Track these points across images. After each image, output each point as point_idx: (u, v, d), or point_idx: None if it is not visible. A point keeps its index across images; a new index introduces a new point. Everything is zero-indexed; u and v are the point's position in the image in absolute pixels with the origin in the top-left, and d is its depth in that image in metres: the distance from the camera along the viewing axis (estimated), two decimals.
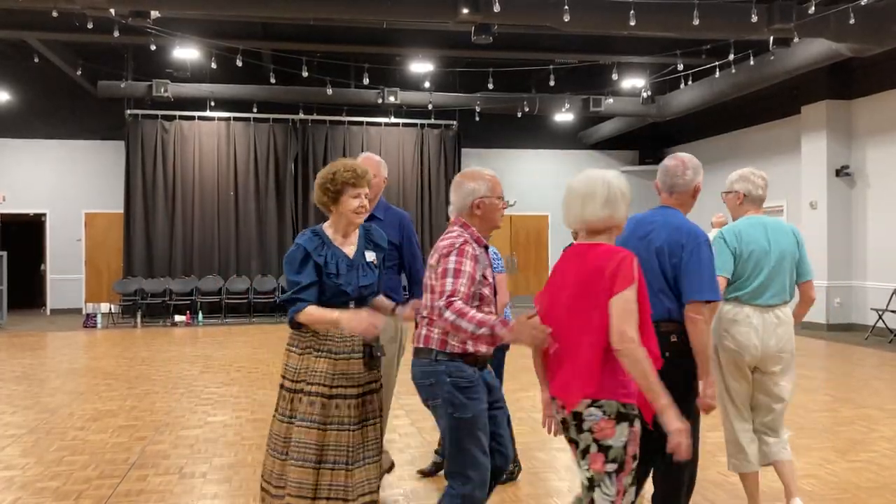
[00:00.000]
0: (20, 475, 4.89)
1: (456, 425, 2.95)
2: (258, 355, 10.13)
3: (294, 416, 3.28)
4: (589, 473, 2.64)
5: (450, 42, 12.34)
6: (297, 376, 3.32)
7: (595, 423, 2.61)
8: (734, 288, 3.80)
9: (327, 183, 3.35)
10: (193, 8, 9.34)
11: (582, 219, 2.74)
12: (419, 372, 3.05)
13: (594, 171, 2.81)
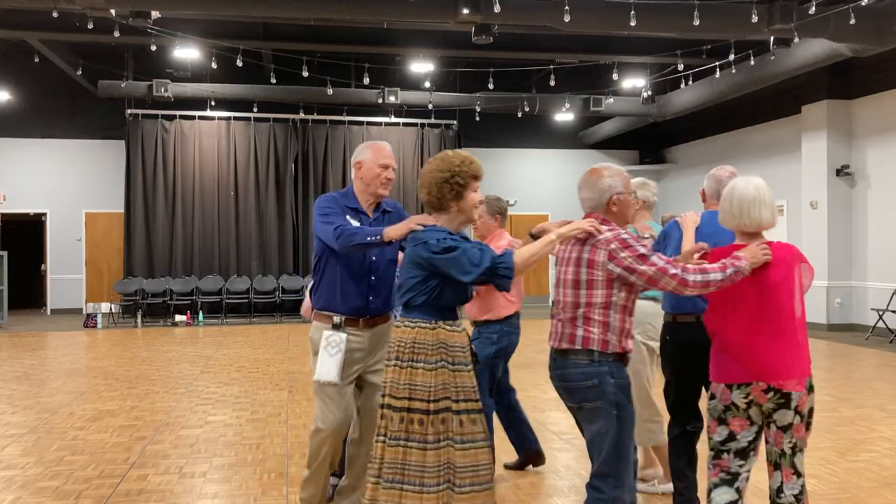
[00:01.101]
0: (20, 475, 4.89)
1: (619, 427, 2.92)
2: (258, 355, 10.14)
3: (443, 439, 2.97)
4: (792, 442, 2.98)
5: (450, 42, 12.34)
6: (436, 395, 2.98)
7: (800, 398, 2.96)
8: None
9: (455, 177, 3.10)
10: (193, 8, 9.34)
11: (759, 223, 3.05)
12: (578, 374, 2.96)
13: (753, 178, 3.09)
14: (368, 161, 3.65)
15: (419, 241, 3.09)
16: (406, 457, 2.98)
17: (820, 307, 12.43)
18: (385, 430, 3.05)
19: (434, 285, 3.07)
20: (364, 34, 11.98)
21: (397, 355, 3.08)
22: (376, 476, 3.03)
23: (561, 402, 3.23)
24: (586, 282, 2.95)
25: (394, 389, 3.05)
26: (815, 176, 12.71)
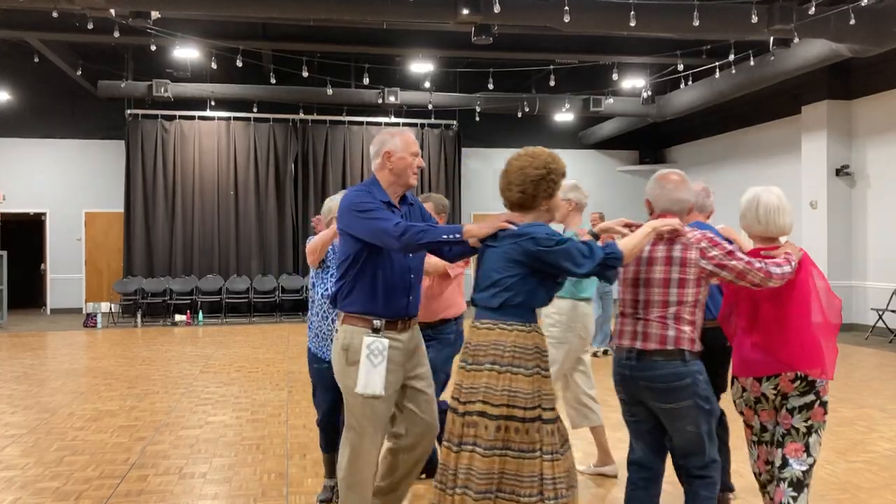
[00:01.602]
0: (20, 475, 4.89)
1: (708, 420, 3.11)
2: (258, 355, 10.13)
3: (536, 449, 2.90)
4: (808, 423, 3.21)
5: (450, 42, 12.34)
6: (532, 402, 2.91)
7: (822, 386, 3.21)
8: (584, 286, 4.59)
9: (551, 174, 3.04)
10: (193, 8, 9.33)
11: (783, 229, 3.26)
12: (670, 374, 3.02)
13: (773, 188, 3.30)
14: (399, 150, 3.38)
15: (523, 236, 2.96)
16: (504, 466, 2.87)
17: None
18: (475, 439, 2.89)
19: (533, 284, 2.98)
20: (364, 34, 11.98)
21: (494, 359, 2.92)
22: (461, 487, 2.87)
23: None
24: (678, 280, 3.04)
25: (489, 396, 2.90)
26: (815, 176, 12.71)
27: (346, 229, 3.34)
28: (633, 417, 3.25)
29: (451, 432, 2.99)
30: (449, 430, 3.01)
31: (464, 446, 2.91)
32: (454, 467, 2.92)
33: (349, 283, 3.35)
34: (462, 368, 3.03)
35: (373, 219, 3.22)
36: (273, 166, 15.56)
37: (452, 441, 2.97)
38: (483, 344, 2.97)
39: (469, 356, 3.01)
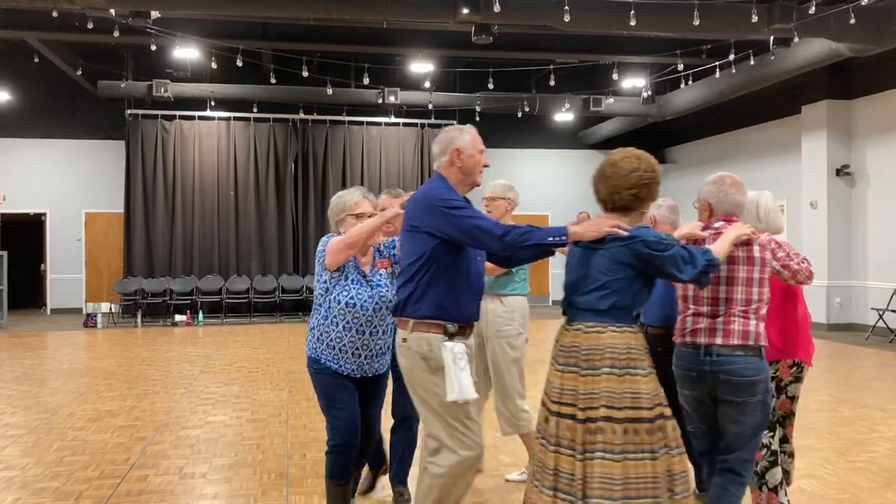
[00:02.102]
0: (20, 475, 4.89)
1: (768, 414, 3.26)
2: (258, 355, 10.13)
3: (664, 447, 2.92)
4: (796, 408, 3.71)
5: (450, 42, 12.34)
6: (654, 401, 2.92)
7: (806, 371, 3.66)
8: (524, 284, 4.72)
9: (657, 178, 3.17)
10: (193, 8, 9.33)
11: (778, 228, 3.65)
12: (751, 368, 3.15)
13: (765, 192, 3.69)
14: (469, 147, 3.24)
15: (633, 239, 2.97)
16: (637, 469, 2.85)
17: (820, 307, 12.43)
18: (603, 445, 2.85)
19: (638, 286, 2.99)
20: (364, 34, 11.98)
21: (612, 363, 2.90)
22: (598, 497, 2.82)
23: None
24: (758, 280, 3.24)
25: (612, 400, 2.87)
26: (815, 176, 12.71)
27: (425, 227, 3.11)
28: (699, 412, 3.33)
29: (572, 440, 2.91)
30: (568, 437, 2.93)
31: (593, 454, 2.88)
32: (581, 476, 2.87)
33: (422, 286, 3.12)
34: (573, 373, 2.97)
35: (467, 216, 3.05)
36: (273, 166, 15.56)
37: (576, 449, 2.90)
38: (596, 347, 2.94)
39: (580, 360, 2.95)
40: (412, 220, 3.17)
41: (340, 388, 3.64)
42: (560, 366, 3.02)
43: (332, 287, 3.64)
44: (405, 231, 3.21)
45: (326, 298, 3.65)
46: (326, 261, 3.59)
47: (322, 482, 4.68)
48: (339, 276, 3.65)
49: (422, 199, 3.17)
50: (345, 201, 3.80)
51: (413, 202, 3.22)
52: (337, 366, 3.64)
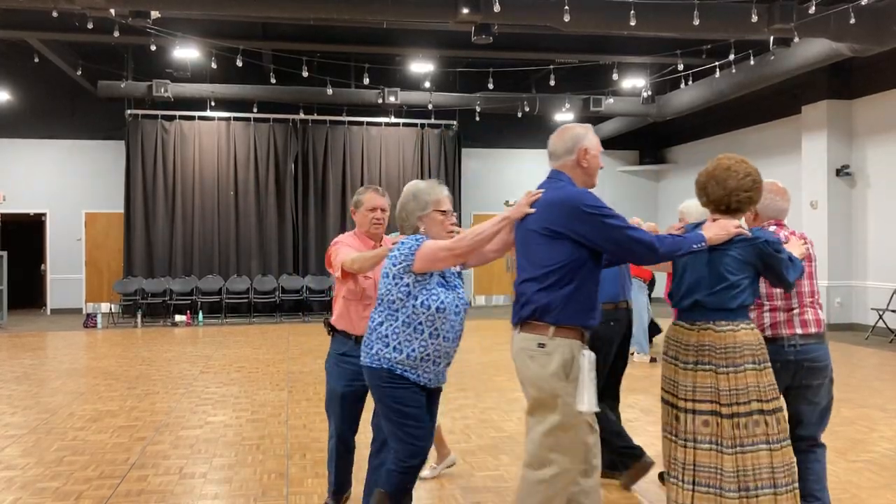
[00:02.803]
0: (20, 475, 4.89)
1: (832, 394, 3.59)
2: (258, 355, 10.13)
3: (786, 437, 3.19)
4: None
5: (450, 42, 12.34)
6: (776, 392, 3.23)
7: None
8: None
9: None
10: (193, 8, 9.33)
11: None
12: (824, 352, 3.58)
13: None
14: (594, 147, 3.18)
15: (757, 240, 3.20)
16: (784, 457, 3.13)
17: None
18: (766, 437, 3.10)
19: (757, 285, 3.29)
20: (364, 34, 11.98)
21: (753, 359, 3.13)
22: (767, 487, 3.06)
23: None
24: (815, 272, 3.57)
25: (760, 393, 3.12)
26: (815, 176, 12.71)
27: (572, 234, 3.02)
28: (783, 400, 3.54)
29: (715, 435, 3.11)
30: (708, 433, 3.12)
31: (754, 446, 3.07)
32: (733, 468, 3.04)
33: (566, 292, 3.04)
34: (709, 371, 3.15)
35: (623, 227, 3.00)
36: (273, 166, 15.56)
37: (721, 444, 3.09)
38: (734, 346, 3.13)
39: (716, 358, 3.13)
40: (553, 224, 3.05)
41: (417, 402, 3.31)
42: (691, 364, 3.20)
43: (417, 292, 3.26)
44: (534, 233, 3.09)
45: (407, 304, 3.25)
46: (417, 266, 3.21)
47: (321, 482, 4.68)
48: (424, 279, 3.28)
49: (567, 204, 3.04)
50: (432, 195, 3.41)
51: (552, 205, 3.07)
52: (415, 377, 3.27)
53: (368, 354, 3.30)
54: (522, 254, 3.17)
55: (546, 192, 3.16)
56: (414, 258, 3.20)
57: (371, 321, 3.35)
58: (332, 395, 3.90)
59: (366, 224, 3.89)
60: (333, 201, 15.73)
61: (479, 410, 6.57)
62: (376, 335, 3.29)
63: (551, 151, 3.24)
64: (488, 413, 6.49)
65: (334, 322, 3.91)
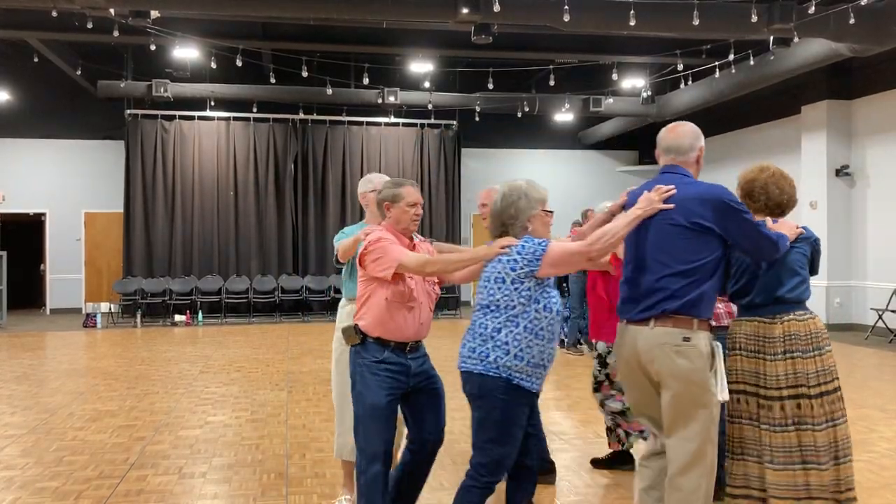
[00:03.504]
0: (20, 475, 4.88)
1: None
2: (258, 355, 10.13)
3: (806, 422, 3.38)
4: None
5: (450, 42, 12.34)
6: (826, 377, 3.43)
7: None
8: None
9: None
10: (193, 8, 9.33)
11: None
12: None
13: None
14: (702, 143, 3.35)
15: (810, 238, 3.54)
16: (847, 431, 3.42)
17: (820, 307, 12.43)
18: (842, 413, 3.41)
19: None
20: (364, 34, 11.97)
21: (828, 342, 3.45)
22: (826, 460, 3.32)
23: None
24: None
25: (822, 377, 3.38)
26: (815, 176, 12.71)
27: (719, 229, 3.10)
28: None
29: (808, 416, 3.33)
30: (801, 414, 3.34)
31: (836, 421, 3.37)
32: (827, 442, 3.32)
33: (708, 287, 3.12)
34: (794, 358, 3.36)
35: (755, 223, 3.17)
36: (273, 166, 15.55)
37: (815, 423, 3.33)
38: (815, 332, 3.41)
39: (801, 345, 3.37)
40: (701, 219, 3.09)
41: (523, 420, 3.22)
42: (780, 355, 3.37)
43: (538, 295, 3.16)
44: (679, 228, 3.10)
45: (528, 309, 3.14)
46: (543, 271, 3.15)
47: (321, 482, 4.68)
48: (543, 282, 3.20)
49: (716, 199, 3.10)
50: (540, 193, 3.33)
51: (698, 200, 3.10)
52: (529, 384, 3.17)
53: (483, 362, 3.13)
54: (658, 248, 3.14)
55: (681, 187, 3.16)
56: (540, 263, 3.12)
57: (482, 328, 3.18)
58: (373, 410, 3.36)
59: (405, 220, 3.49)
60: (333, 201, 15.72)
61: None
62: (493, 343, 3.14)
63: (674, 147, 3.27)
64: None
65: (368, 328, 3.43)
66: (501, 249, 3.17)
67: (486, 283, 3.21)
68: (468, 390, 3.21)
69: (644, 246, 3.19)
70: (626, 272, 3.31)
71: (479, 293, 3.27)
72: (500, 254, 3.18)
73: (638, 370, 3.20)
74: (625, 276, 3.31)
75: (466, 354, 3.21)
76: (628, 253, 3.28)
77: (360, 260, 3.44)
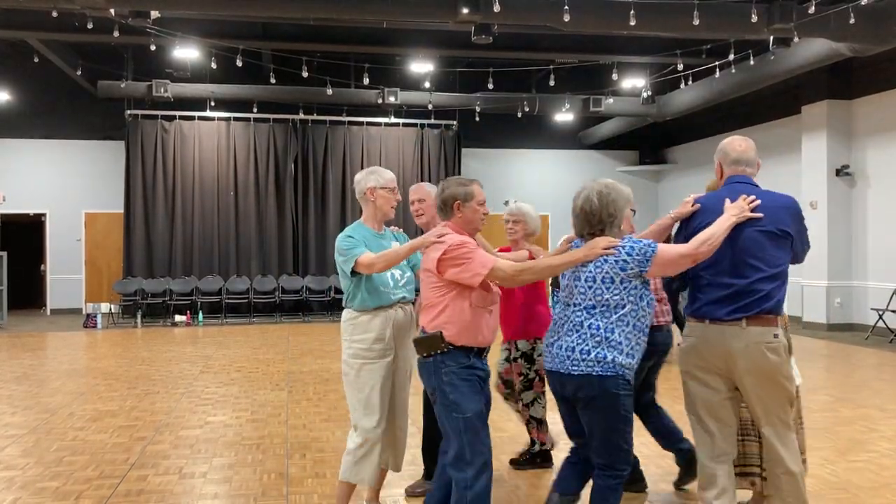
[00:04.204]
0: (20, 475, 4.89)
1: None
2: (258, 355, 10.13)
3: None
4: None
5: (450, 42, 12.34)
6: None
7: None
8: None
9: None
10: (193, 8, 9.33)
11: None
12: None
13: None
14: None
15: None
16: None
17: (820, 307, 12.43)
18: None
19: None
20: (364, 34, 11.97)
21: None
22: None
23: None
24: None
25: None
26: (815, 176, 12.71)
27: (796, 234, 3.40)
28: None
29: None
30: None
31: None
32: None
33: (786, 287, 3.42)
34: None
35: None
36: (273, 166, 15.56)
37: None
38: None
39: None
40: (785, 226, 3.37)
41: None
42: None
43: (643, 293, 3.23)
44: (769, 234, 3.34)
45: (636, 307, 3.21)
46: (652, 271, 3.21)
47: (321, 482, 4.68)
48: (645, 280, 3.28)
49: (794, 208, 3.42)
50: (628, 191, 3.41)
51: (782, 209, 3.39)
52: (633, 377, 3.26)
53: (601, 364, 3.14)
54: (750, 253, 3.33)
55: (763, 196, 3.39)
56: (650, 264, 3.18)
57: (594, 329, 3.18)
58: (476, 418, 3.27)
59: (476, 220, 3.44)
60: (333, 201, 15.72)
61: None
62: (608, 344, 3.15)
63: (744, 159, 3.49)
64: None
65: (454, 337, 3.29)
66: (605, 250, 3.19)
67: (590, 284, 3.20)
68: (585, 393, 3.19)
69: (733, 250, 3.34)
70: (706, 275, 3.39)
71: (579, 293, 3.24)
72: (603, 255, 3.19)
73: (719, 369, 3.36)
74: (706, 279, 3.38)
75: (579, 357, 3.18)
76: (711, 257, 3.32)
77: (437, 265, 3.28)
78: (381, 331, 3.79)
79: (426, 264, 3.38)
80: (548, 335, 3.37)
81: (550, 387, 3.39)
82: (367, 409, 3.77)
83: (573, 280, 3.27)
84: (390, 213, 4.00)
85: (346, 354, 3.85)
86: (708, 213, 3.40)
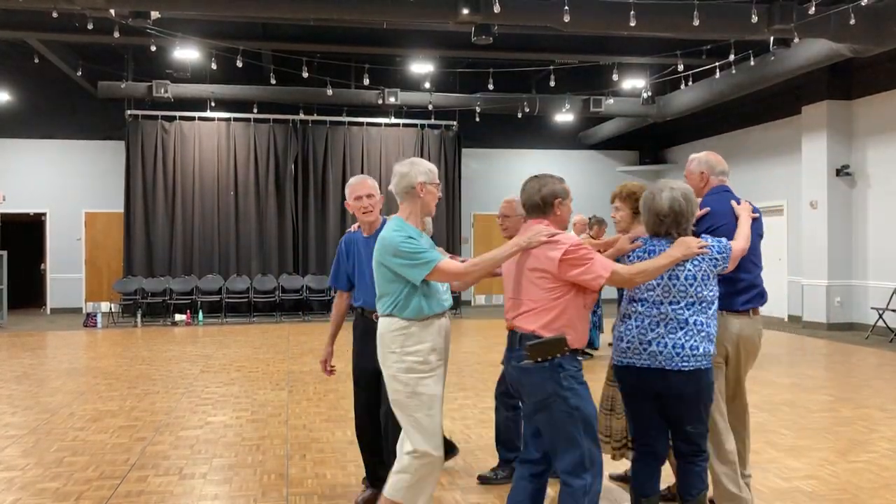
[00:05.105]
0: (20, 476, 4.89)
1: None
2: (258, 355, 10.13)
3: None
4: None
5: (450, 42, 12.34)
6: None
7: None
8: None
9: None
10: (193, 8, 9.34)
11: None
12: None
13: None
14: None
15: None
16: None
17: (820, 306, 12.43)
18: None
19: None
20: (364, 34, 11.98)
21: None
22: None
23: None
24: None
25: None
26: (815, 176, 12.71)
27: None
28: None
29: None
30: None
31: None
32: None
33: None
34: None
35: None
36: (273, 167, 15.56)
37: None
38: None
39: None
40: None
41: None
42: None
43: (715, 286, 3.45)
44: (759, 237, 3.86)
45: (714, 301, 3.44)
46: (730, 268, 3.51)
47: (322, 482, 4.69)
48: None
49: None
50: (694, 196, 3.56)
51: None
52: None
53: (706, 357, 3.36)
54: (752, 252, 3.77)
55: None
56: (728, 261, 3.48)
57: (700, 325, 3.35)
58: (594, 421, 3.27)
59: (567, 219, 3.40)
60: (333, 201, 15.72)
61: (479, 410, 6.57)
62: (701, 337, 3.35)
63: (727, 171, 4.02)
64: (488, 413, 6.48)
65: (574, 341, 3.24)
66: (700, 249, 3.38)
67: (691, 282, 3.37)
68: (693, 387, 3.35)
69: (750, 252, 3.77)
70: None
71: (679, 291, 3.38)
72: (699, 254, 3.39)
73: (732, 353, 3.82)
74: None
75: (690, 353, 3.33)
76: None
77: (559, 266, 3.16)
78: (435, 340, 3.49)
79: (537, 264, 3.21)
80: (635, 334, 3.41)
81: (635, 385, 3.45)
82: (429, 429, 3.43)
83: (670, 279, 3.38)
84: (433, 210, 3.65)
85: (394, 370, 3.45)
86: (718, 215, 3.79)
